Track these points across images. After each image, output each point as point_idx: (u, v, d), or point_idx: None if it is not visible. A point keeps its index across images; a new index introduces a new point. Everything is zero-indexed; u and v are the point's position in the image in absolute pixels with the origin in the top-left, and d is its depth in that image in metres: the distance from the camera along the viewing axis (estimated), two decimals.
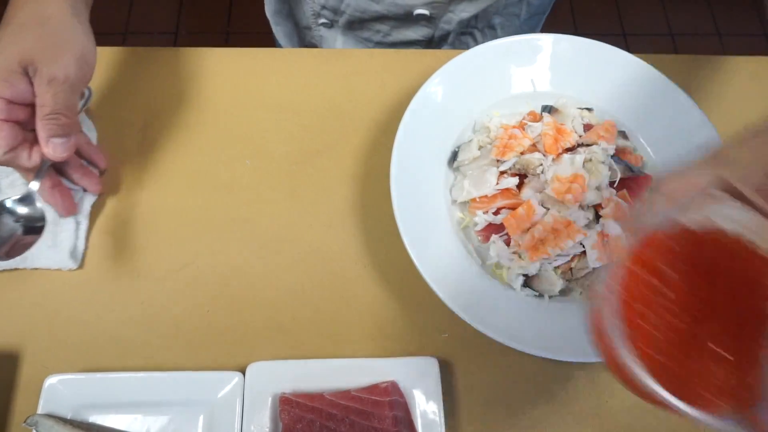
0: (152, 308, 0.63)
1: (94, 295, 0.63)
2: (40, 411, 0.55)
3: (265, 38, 1.99)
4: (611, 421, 0.59)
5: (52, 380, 0.56)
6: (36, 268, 0.63)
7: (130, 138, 0.71)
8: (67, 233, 0.64)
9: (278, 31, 0.96)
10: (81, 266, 0.64)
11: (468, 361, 0.61)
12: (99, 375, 0.57)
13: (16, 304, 0.62)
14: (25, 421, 0.54)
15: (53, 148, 0.52)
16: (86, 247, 0.65)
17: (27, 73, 0.51)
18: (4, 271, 0.63)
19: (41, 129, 0.52)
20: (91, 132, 0.68)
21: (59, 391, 0.56)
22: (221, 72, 0.74)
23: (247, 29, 2.01)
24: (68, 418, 0.55)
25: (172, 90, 0.73)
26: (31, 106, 0.53)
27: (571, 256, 0.60)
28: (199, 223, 0.66)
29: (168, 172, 0.69)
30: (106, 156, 0.66)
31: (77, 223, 0.65)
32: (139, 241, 0.65)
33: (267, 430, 0.55)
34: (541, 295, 0.61)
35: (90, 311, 0.62)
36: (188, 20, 2.02)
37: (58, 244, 0.64)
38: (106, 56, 0.75)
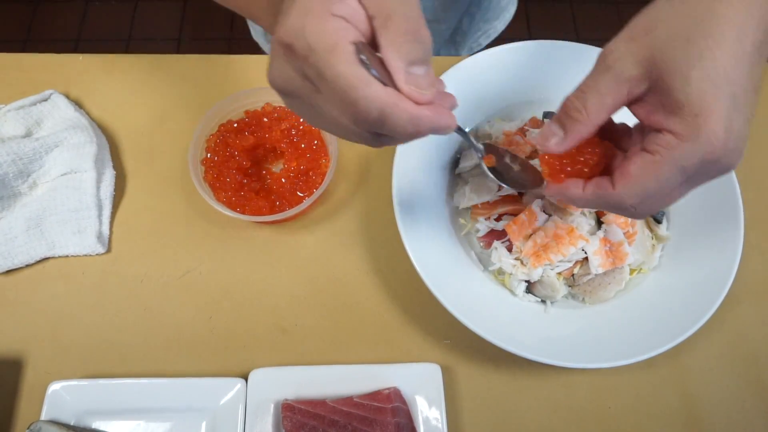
0: (155, 314, 0.63)
1: (97, 301, 0.63)
2: (43, 417, 0.55)
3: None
4: (613, 428, 0.59)
5: (55, 386, 0.56)
6: (66, 256, 0.64)
7: (134, 144, 0.71)
8: (90, 219, 0.64)
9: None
10: (109, 250, 0.65)
11: (470, 367, 0.61)
12: (102, 381, 0.57)
13: (19, 310, 0.62)
14: (28, 428, 0.54)
15: (414, 81, 0.36)
16: (111, 232, 0.66)
17: None
18: (29, 265, 0.64)
19: (393, 52, 0.36)
20: (100, 139, 0.69)
21: (62, 397, 0.56)
22: (225, 79, 0.75)
23: (250, 36, 2.01)
24: (71, 424, 0.55)
25: (177, 97, 0.74)
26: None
27: (573, 262, 0.60)
28: (202, 229, 0.67)
29: (171, 178, 0.69)
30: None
31: (99, 208, 0.65)
32: (142, 246, 0.66)
33: None
34: (543, 301, 0.61)
35: (93, 318, 0.62)
36: (191, 27, 2.03)
37: (83, 230, 0.64)
38: (110, 63, 0.75)
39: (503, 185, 0.52)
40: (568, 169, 0.44)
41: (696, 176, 0.38)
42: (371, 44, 0.37)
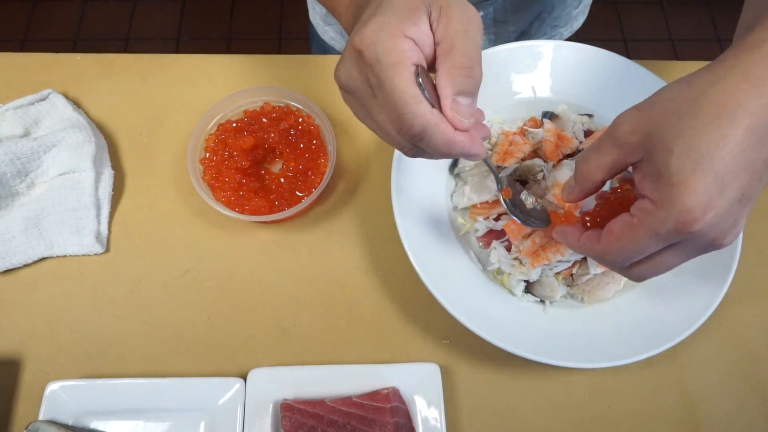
0: (154, 314, 0.63)
1: (96, 301, 0.63)
2: (41, 417, 0.55)
3: (266, 44, 2.01)
4: (612, 427, 0.59)
5: (53, 386, 0.56)
6: (64, 256, 0.64)
7: (133, 144, 0.71)
8: (88, 219, 0.64)
9: (327, 31, 0.95)
10: (107, 250, 0.65)
11: (469, 367, 0.61)
12: (100, 381, 0.57)
13: (17, 310, 0.62)
14: (26, 428, 0.54)
15: (457, 109, 0.40)
16: (109, 231, 0.66)
17: (429, 13, 0.40)
18: (27, 265, 0.64)
19: (446, 81, 0.40)
20: (98, 139, 0.69)
21: (60, 397, 0.56)
22: (223, 78, 0.75)
23: (249, 35, 2.01)
24: (70, 424, 0.55)
25: (175, 96, 0.73)
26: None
27: (572, 262, 0.60)
28: (201, 229, 0.67)
29: (170, 178, 0.69)
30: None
31: (98, 208, 0.65)
32: (141, 246, 0.66)
33: None
34: (542, 301, 0.61)
35: (91, 317, 0.62)
36: (190, 26, 2.03)
37: (81, 229, 0.64)
38: (109, 62, 0.75)
39: (516, 219, 0.55)
40: (586, 218, 0.48)
41: (682, 247, 0.40)
42: (431, 64, 0.41)
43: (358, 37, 0.39)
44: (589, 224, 0.48)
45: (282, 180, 0.66)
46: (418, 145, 0.41)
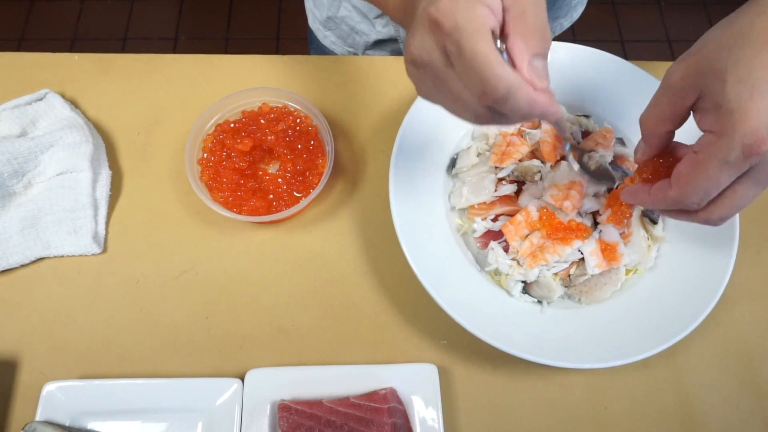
0: (151, 314, 0.63)
1: (93, 301, 0.63)
2: (38, 418, 0.55)
3: (264, 44, 2.00)
4: (609, 428, 0.59)
5: (50, 387, 0.56)
6: (62, 256, 0.64)
7: (131, 144, 0.71)
8: (86, 219, 0.64)
9: (328, 36, 0.95)
10: (105, 250, 0.65)
11: (467, 367, 0.61)
12: (97, 382, 0.57)
13: (14, 310, 0.62)
14: (23, 428, 0.53)
15: (535, 71, 0.40)
16: (107, 232, 0.66)
17: None
18: (24, 265, 0.64)
19: (522, 44, 0.40)
20: (96, 139, 0.69)
21: (57, 398, 0.56)
22: (221, 78, 0.75)
23: (247, 35, 2.01)
24: (66, 425, 0.55)
25: (173, 96, 0.73)
26: None
27: (569, 262, 0.60)
28: (199, 230, 0.66)
29: (168, 179, 0.69)
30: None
31: (95, 208, 0.65)
32: (139, 247, 0.66)
33: None
34: (539, 302, 0.61)
35: (88, 318, 0.62)
36: (188, 26, 2.02)
37: (79, 229, 0.64)
38: (106, 62, 0.75)
39: (586, 175, 0.56)
40: (650, 177, 0.50)
41: (754, 174, 0.41)
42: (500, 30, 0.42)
43: (433, 7, 0.39)
44: (651, 178, 0.49)
45: (280, 180, 0.66)
46: (498, 110, 0.40)
